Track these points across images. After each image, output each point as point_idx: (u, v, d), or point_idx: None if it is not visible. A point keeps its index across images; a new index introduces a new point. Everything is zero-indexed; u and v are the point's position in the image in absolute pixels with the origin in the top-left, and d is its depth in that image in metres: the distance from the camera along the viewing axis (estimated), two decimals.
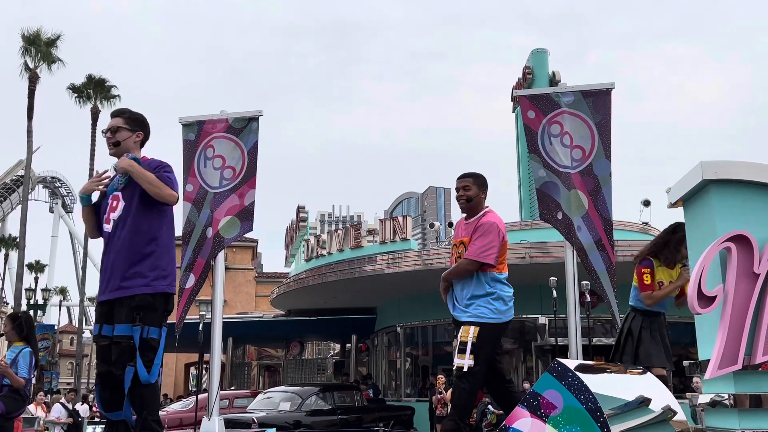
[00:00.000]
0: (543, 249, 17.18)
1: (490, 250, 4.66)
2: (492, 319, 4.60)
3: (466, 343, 4.47)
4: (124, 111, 4.33)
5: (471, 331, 4.50)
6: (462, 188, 4.93)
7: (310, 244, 24.91)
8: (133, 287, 3.88)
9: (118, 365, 3.78)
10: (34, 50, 32.38)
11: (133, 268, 3.92)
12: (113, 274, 3.94)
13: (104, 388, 3.90)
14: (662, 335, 5.12)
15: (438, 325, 22.17)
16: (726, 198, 2.74)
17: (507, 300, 4.72)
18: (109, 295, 3.93)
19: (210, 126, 7.23)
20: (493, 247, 4.67)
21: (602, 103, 6.72)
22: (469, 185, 4.92)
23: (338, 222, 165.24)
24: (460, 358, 4.42)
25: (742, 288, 2.63)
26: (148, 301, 3.87)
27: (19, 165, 64.43)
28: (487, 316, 4.60)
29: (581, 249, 6.49)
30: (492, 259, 4.67)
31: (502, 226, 4.86)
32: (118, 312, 3.86)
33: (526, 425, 2.63)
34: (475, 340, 4.46)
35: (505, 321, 4.69)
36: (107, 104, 37.36)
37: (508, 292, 4.78)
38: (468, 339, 4.48)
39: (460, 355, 4.44)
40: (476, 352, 4.44)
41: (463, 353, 4.43)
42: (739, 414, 2.61)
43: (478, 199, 4.93)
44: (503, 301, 4.68)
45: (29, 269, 53.73)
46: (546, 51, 27.50)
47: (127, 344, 3.78)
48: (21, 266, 31.79)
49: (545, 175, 6.65)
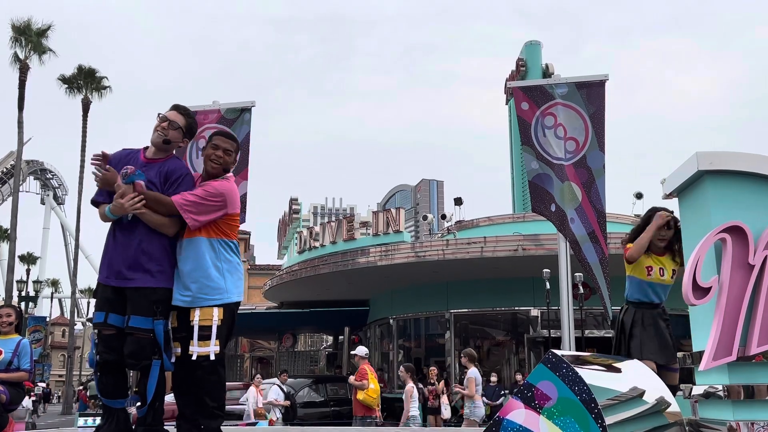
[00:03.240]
0: (536, 241, 17.21)
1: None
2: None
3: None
4: (188, 112, 4.18)
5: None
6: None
7: (302, 237, 24.87)
8: (158, 280, 3.77)
9: (138, 357, 3.72)
10: (25, 40, 32.12)
11: (160, 262, 3.80)
12: (136, 261, 3.77)
13: (107, 376, 3.84)
14: (658, 327, 4.99)
15: (431, 317, 22.21)
16: (721, 189, 2.73)
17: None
18: (123, 282, 3.76)
19: (202, 117, 7.18)
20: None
21: (596, 95, 6.72)
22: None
23: (331, 214, 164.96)
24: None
25: (737, 279, 2.63)
26: (168, 296, 3.79)
27: (10, 156, 64.08)
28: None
29: (574, 241, 6.49)
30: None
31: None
32: (136, 302, 3.71)
33: (520, 416, 2.61)
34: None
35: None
36: (98, 95, 37.17)
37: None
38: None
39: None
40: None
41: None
42: (734, 405, 2.61)
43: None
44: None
45: (21, 261, 53.50)
46: (539, 43, 27.49)
47: (146, 338, 3.69)
48: (12, 258, 31.64)
49: (538, 167, 6.64)
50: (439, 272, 19.45)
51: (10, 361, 5.89)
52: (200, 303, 3.76)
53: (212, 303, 3.78)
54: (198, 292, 3.77)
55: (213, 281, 3.80)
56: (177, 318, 3.83)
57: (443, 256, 18.29)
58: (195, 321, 3.74)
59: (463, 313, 21.24)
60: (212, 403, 3.81)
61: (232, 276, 3.89)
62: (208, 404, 3.80)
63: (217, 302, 3.79)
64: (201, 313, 3.75)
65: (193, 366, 3.75)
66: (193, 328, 3.74)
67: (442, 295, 20.99)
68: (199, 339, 3.72)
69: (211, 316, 3.76)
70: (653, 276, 4.93)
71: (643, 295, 5.01)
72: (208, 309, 3.76)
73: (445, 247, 18.62)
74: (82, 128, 36.12)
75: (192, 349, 3.72)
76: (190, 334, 3.75)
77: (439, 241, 20.21)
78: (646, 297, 5.00)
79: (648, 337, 4.88)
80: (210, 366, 3.73)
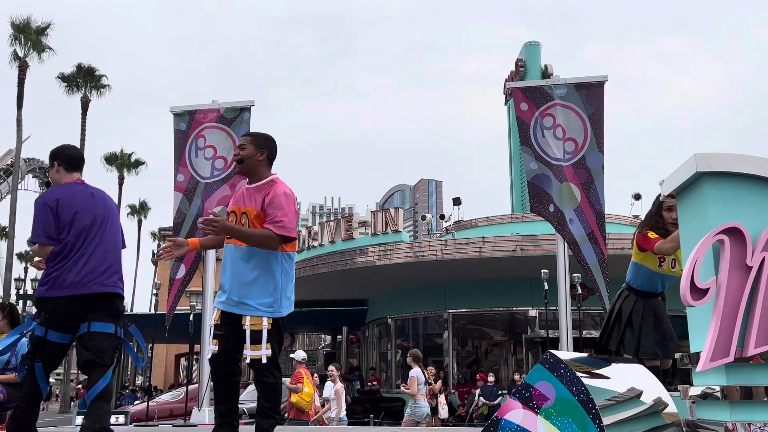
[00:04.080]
0: (534, 241, 17.21)
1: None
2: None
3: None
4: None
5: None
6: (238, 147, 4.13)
7: (301, 236, 24.86)
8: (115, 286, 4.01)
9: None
10: (24, 38, 32.09)
11: (117, 268, 4.02)
12: (109, 268, 3.99)
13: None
14: (658, 317, 4.82)
15: (429, 317, 22.22)
16: (720, 190, 2.74)
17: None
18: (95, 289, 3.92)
19: (201, 116, 7.20)
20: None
21: (595, 96, 6.73)
22: (246, 144, 4.08)
23: (329, 214, 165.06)
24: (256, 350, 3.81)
25: (735, 280, 2.63)
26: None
27: (9, 154, 63.97)
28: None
29: (573, 241, 6.50)
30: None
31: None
32: (95, 309, 3.88)
33: (518, 417, 2.62)
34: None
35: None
36: (97, 94, 37.15)
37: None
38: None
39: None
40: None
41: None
42: (731, 406, 2.61)
43: (254, 161, 4.03)
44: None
45: (18, 259, 53.45)
46: (539, 44, 27.51)
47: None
48: (10, 256, 31.63)
49: (537, 167, 6.65)
50: (437, 272, 19.46)
51: (8, 360, 5.88)
52: (251, 312, 3.86)
53: (262, 314, 3.87)
54: (252, 300, 3.87)
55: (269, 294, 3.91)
56: (220, 317, 3.94)
57: (442, 256, 18.30)
58: (246, 326, 3.83)
59: (462, 313, 21.26)
60: (266, 404, 3.90)
61: (282, 288, 3.98)
62: (263, 404, 3.89)
63: (268, 314, 3.88)
64: (251, 318, 3.84)
65: (234, 364, 3.94)
66: (245, 333, 3.83)
67: (440, 295, 21.01)
68: (251, 343, 3.81)
69: (260, 322, 3.84)
70: (665, 267, 4.77)
71: (649, 285, 4.84)
72: (257, 317, 3.86)
73: (443, 247, 18.62)
74: (81, 126, 36.08)
75: (246, 353, 3.83)
76: (234, 334, 3.86)
77: (437, 241, 20.21)
78: (652, 287, 4.84)
79: (648, 329, 4.75)
80: (263, 368, 3.82)
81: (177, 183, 7.11)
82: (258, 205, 3.90)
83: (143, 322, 29.64)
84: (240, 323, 3.85)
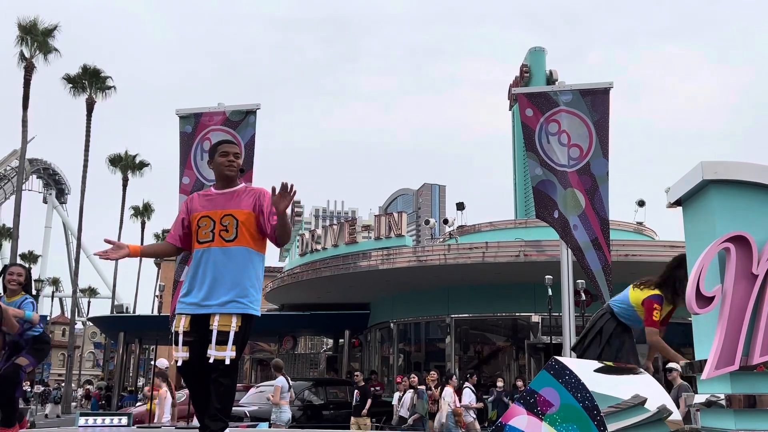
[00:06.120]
0: (538, 247, 17.19)
1: None
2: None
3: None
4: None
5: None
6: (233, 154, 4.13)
7: (304, 239, 24.89)
8: None
9: None
10: (31, 40, 32.18)
11: None
12: None
13: None
14: (629, 351, 5.00)
15: (431, 322, 22.19)
16: (726, 198, 2.74)
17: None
18: None
19: (207, 119, 7.21)
20: None
21: (600, 102, 6.73)
22: (238, 152, 4.16)
23: (333, 217, 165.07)
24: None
25: (741, 288, 2.63)
26: None
27: (14, 155, 64.15)
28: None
29: (577, 248, 6.49)
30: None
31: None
32: None
33: (523, 423, 2.62)
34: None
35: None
36: (102, 95, 37.24)
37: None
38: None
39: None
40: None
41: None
42: (735, 414, 2.61)
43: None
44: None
45: (22, 259, 53.55)
46: (543, 49, 27.48)
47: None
48: (14, 256, 31.68)
49: (542, 173, 6.65)
50: (440, 277, 19.45)
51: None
52: (221, 310, 3.83)
53: (235, 311, 3.86)
54: (234, 297, 3.86)
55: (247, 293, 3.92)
56: (190, 323, 3.88)
57: (445, 261, 18.29)
58: (214, 326, 3.80)
59: (464, 318, 21.23)
60: (217, 405, 3.82)
61: (258, 290, 4.00)
62: (213, 406, 3.82)
63: (240, 311, 3.87)
64: (220, 318, 3.82)
65: (208, 369, 3.81)
66: (211, 333, 3.79)
67: (443, 299, 20.99)
68: (217, 344, 3.77)
69: (229, 323, 3.82)
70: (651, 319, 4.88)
71: (633, 323, 5.00)
72: (227, 316, 3.83)
73: (446, 251, 18.62)
74: (86, 128, 36.18)
75: (210, 352, 3.77)
76: (204, 338, 3.81)
77: (440, 246, 20.20)
78: (634, 325, 5.01)
79: (623, 354, 4.88)
80: (223, 370, 3.78)
81: (182, 185, 7.12)
82: (250, 207, 3.94)
83: (146, 324, 29.73)
84: (208, 325, 3.83)
